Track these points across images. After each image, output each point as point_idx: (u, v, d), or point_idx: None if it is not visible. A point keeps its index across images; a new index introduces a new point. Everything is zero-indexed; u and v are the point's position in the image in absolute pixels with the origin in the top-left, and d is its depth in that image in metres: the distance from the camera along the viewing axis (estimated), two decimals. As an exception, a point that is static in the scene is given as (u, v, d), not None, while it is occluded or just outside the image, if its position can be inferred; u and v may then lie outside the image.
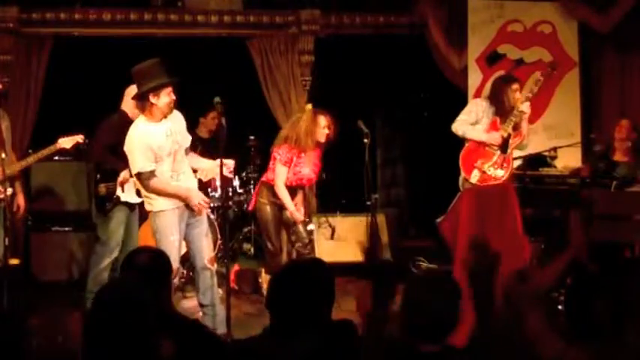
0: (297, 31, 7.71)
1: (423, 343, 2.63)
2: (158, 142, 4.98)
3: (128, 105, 5.81)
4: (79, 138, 5.58)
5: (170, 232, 5.05)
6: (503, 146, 5.68)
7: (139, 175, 5.02)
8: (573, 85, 7.51)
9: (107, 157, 5.77)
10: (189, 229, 5.19)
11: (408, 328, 2.68)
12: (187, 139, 5.26)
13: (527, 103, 5.67)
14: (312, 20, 7.67)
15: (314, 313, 2.86)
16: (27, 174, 7.00)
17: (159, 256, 3.40)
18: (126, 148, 5.07)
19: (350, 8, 7.84)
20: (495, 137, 5.67)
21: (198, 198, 5.09)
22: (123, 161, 5.76)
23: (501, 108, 5.69)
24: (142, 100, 4.99)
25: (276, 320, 2.84)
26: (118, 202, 5.79)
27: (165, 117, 5.03)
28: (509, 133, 5.67)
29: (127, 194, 5.80)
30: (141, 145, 4.96)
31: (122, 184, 5.74)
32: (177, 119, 5.15)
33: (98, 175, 5.80)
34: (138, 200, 5.88)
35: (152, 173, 4.98)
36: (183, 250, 5.34)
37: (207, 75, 8.24)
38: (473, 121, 5.72)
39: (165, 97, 4.95)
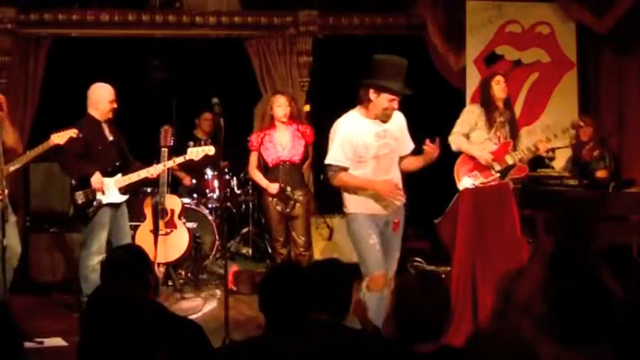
0: (295, 32, 7.71)
1: (417, 343, 2.64)
2: (364, 140, 4.71)
3: (94, 108, 5.80)
4: (73, 132, 5.50)
5: (367, 235, 4.70)
6: (503, 173, 5.53)
7: (328, 166, 4.78)
8: (571, 86, 7.50)
9: (75, 165, 5.74)
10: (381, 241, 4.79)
11: (400, 328, 2.69)
12: (405, 147, 4.93)
13: (546, 146, 5.65)
14: (310, 21, 7.68)
15: (307, 313, 2.87)
16: (25, 175, 7.01)
17: (133, 252, 3.40)
18: (330, 136, 4.80)
19: (348, 9, 7.84)
20: (485, 157, 5.46)
21: (386, 187, 4.70)
22: (93, 165, 5.72)
23: (488, 105, 5.51)
24: (363, 88, 4.71)
25: (268, 320, 2.85)
26: (100, 205, 5.75)
27: (380, 119, 4.73)
28: (515, 162, 5.52)
29: (110, 195, 5.77)
30: (343, 137, 4.71)
31: (99, 190, 5.72)
32: (398, 123, 4.86)
33: (73, 182, 5.78)
34: (122, 199, 5.84)
35: (341, 169, 4.71)
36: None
37: (205, 76, 8.24)
38: (467, 131, 5.53)
39: (383, 102, 4.65)
